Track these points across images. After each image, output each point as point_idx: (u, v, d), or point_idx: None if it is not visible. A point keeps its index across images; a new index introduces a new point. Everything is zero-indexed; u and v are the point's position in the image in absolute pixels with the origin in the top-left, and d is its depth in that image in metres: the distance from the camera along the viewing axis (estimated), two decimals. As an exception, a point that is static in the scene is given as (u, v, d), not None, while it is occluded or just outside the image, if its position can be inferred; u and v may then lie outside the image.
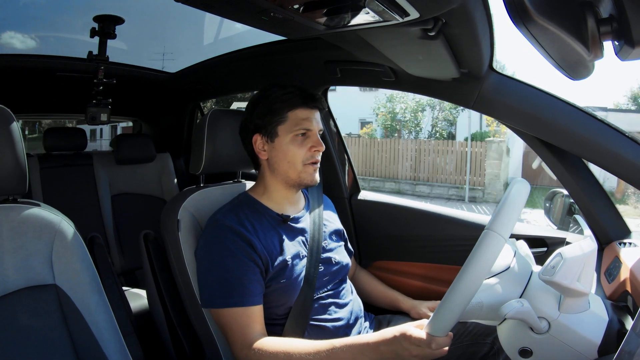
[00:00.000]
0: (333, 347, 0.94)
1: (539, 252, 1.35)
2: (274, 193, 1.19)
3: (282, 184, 1.18)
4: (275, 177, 1.17)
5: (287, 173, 1.15)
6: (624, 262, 1.02)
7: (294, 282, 1.12)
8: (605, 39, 0.57)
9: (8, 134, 0.87)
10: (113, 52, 1.72)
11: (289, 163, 1.14)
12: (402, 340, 0.87)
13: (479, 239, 0.79)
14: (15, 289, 0.88)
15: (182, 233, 1.17)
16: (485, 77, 1.21)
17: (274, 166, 1.16)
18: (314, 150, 1.14)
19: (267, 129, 1.13)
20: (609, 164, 1.15)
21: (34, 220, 0.92)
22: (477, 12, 0.86)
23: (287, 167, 1.14)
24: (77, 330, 0.92)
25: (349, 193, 1.76)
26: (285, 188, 1.19)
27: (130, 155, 2.29)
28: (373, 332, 1.17)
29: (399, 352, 0.87)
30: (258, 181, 1.23)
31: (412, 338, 0.85)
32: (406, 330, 0.87)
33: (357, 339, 0.94)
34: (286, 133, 1.13)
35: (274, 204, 1.19)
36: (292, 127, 1.13)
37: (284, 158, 1.14)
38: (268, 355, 0.98)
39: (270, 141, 1.14)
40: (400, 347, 0.87)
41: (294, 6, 0.86)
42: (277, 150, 1.14)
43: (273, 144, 1.14)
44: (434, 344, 0.83)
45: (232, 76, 2.00)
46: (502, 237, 0.77)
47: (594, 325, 0.81)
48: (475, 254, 0.78)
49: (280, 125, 1.13)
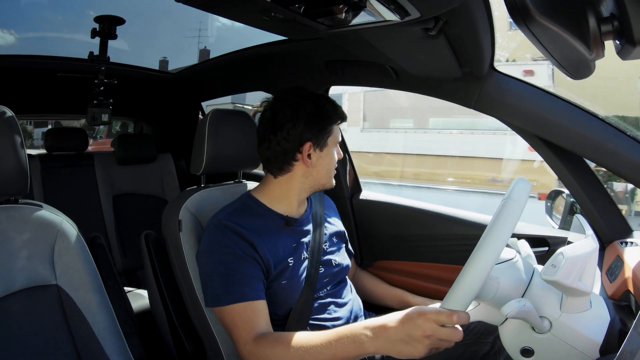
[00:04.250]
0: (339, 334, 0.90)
1: (541, 252, 1.35)
2: (292, 197, 1.20)
3: (308, 188, 1.21)
4: (306, 181, 1.20)
5: (321, 179, 1.21)
6: (625, 262, 1.02)
7: (295, 283, 1.13)
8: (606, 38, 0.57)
9: (9, 135, 0.87)
10: (114, 53, 1.73)
11: (328, 170, 1.21)
12: (416, 317, 0.80)
13: (497, 208, 0.81)
14: (17, 289, 0.89)
15: (183, 233, 1.17)
16: (486, 76, 1.21)
17: (313, 172, 1.19)
18: (339, 157, 1.24)
19: (319, 140, 1.17)
20: (610, 163, 1.15)
21: (35, 220, 0.92)
22: (478, 11, 0.86)
23: (324, 173, 1.20)
24: (79, 331, 0.92)
25: (350, 193, 1.76)
26: (306, 192, 1.22)
27: (131, 155, 2.29)
28: None
29: (410, 332, 0.80)
30: (271, 184, 1.21)
31: (429, 314, 0.79)
32: (421, 309, 0.81)
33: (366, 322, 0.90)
34: (332, 144, 1.20)
35: (283, 206, 1.20)
36: (336, 139, 1.21)
37: (326, 166, 1.20)
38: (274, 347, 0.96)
39: (319, 150, 1.18)
40: (413, 326, 0.80)
41: (295, 6, 0.86)
42: (324, 159, 1.19)
43: (321, 153, 1.18)
44: (455, 317, 0.77)
45: (233, 76, 2.00)
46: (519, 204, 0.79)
47: (596, 325, 0.81)
48: (496, 220, 0.79)
49: (330, 136, 1.19)
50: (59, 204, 1.06)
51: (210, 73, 2.07)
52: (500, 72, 1.21)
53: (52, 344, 0.90)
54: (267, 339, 0.99)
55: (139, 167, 2.34)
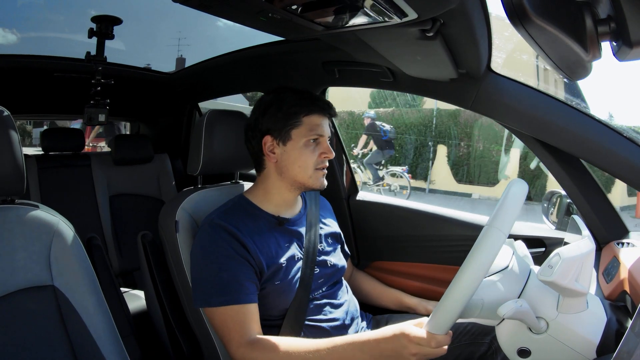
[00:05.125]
0: (333, 345, 0.94)
1: (537, 253, 1.36)
2: (275, 195, 1.19)
3: (287, 186, 1.18)
4: (282, 179, 1.17)
5: (296, 177, 1.15)
6: (622, 262, 1.02)
7: (289, 284, 1.12)
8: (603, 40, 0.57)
9: (6, 135, 0.86)
10: (111, 53, 1.72)
11: (300, 167, 1.14)
12: (401, 338, 0.87)
13: (480, 235, 0.80)
14: (13, 290, 0.88)
15: (180, 234, 1.17)
16: (483, 77, 1.21)
17: (283, 169, 1.15)
18: (324, 156, 1.16)
19: (280, 132, 1.13)
20: (607, 164, 1.15)
21: (32, 221, 0.92)
22: (475, 12, 0.86)
23: (297, 170, 1.15)
24: (75, 331, 0.91)
25: (347, 194, 1.76)
26: (289, 191, 1.19)
27: (128, 155, 2.28)
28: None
29: (398, 350, 0.88)
30: (257, 183, 1.22)
31: (412, 336, 0.86)
32: (405, 329, 0.87)
33: (357, 336, 0.95)
34: (300, 137, 1.13)
35: (272, 206, 1.19)
36: (307, 132, 1.14)
37: (295, 162, 1.14)
38: (266, 353, 0.98)
39: (282, 144, 1.14)
40: (400, 345, 0.87)
41: (292, 7, 0.86)
42: (289, 153, 1.14)
43: (285, 147, 1.14)
44: (434, 342, 0.84)
45: (230, 77, 2.00)
46: (502, 233, 0.78)
47: (593, 325, 0.82)
48: (476, 249, 0.78)
49: (295, 129, 1.13)
50: (56, 205, 1.05)
51: (207, 74, 2.07)
52: (498, 74, 1.22)
53: (49, 345, 0.89)
54: (260, 344, 1.00)
55: (135, 167, 2.33)
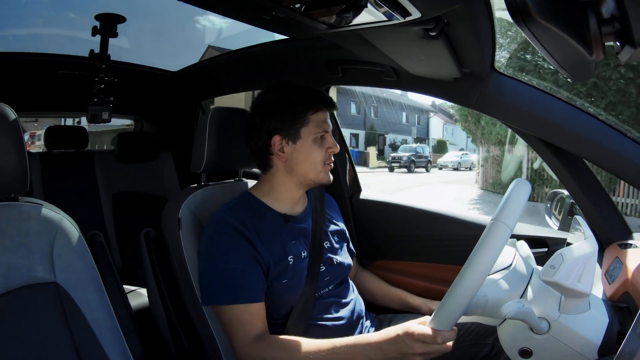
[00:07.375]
0: (334, 346, 0.94)
1: (540, 253, 1.35)
2: (282, 193, 1.19)
3: (296, 184, 1.18)
4: (291, 177, 1.17)
5: (306, 174, 1.16)
6: (624, 263, 1.02)
7: (296, 282, 1.12)
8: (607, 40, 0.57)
9: (9, 132, 0.87)
10: (115, 51, 1.73)
11: (311, 164, 1.15)
12: (405, 338, 0.87)
13: (485, 229, 0.80)
14: (16, 287, 0.88)
15: (183, 231, 1.17)
16: (486, 77, 1.20)
17: (294, 167, 1.15)
18: (330, 151, 1.17)
19: (289, 131, 1.13)
20: (610, 164, 1.14)
21: (35, 218, 0.92)
22: (478, 12, 0.86)
23: (307, 168, 1.15)
24: (78, 328, 0.92)
25: (350, 192, 1.76)
26: (297, 188, 1.19)
27: (131, 153, 2.29)
28: (374, 331, 1.17)
29: (402, 351, 0.87)
30: (264, 181, 1.21)
31: (416, 335, 0.85)
32: (409, 328, 0.87)
33: (359, 338, 0.95)
34: (308, 135, 1.14)
35: (278, 203, 1.19)
36: (315, 130, 1.14)
37: (305, 159, 1.14)
38: (269, 352, 0.99)
39: (292, 143, 1.14)
40: (404, 345, 0.87)
41: (295, 5, 0.86)
42: (299, 152, 1.14)
43: (295, 146, 1.14)
44: (440, 338, 0.83)
45: (233, 75, 2.00)
46: (508, 227, 0.78)
47: (595, 326, 0.81)
48: (482, 243, 0.78)
49: (304, 127, 1.13)
50: (59, 202, 1.06)
51: (210, 72, 2.07)
52: (501, 73, 1.21)
53: (51, 342, 0.90)
54: (265, 342, 1.00)
55: (139, 165, 2.34)
